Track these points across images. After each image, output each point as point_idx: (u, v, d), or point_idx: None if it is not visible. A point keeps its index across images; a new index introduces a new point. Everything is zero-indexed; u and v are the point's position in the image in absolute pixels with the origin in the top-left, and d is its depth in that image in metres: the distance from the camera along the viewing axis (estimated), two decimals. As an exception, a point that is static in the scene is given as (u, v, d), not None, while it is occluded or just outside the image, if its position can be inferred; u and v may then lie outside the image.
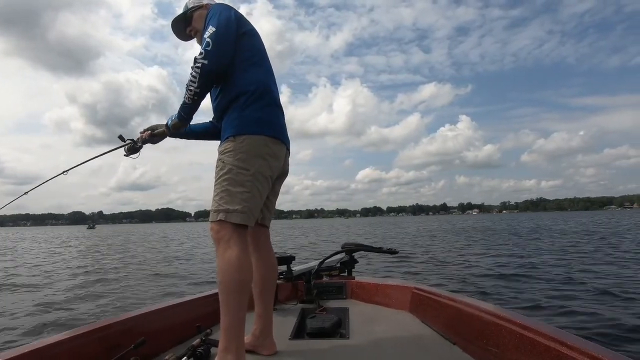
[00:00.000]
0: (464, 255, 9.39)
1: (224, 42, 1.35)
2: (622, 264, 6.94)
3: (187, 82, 1.37)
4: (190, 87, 1.36)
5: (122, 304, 4.88)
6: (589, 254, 8.53)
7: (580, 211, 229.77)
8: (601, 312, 3.67)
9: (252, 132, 1.38)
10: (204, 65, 1.32)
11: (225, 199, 1.34)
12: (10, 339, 3.53)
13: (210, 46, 1.32)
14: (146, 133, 1.71)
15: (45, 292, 6.00)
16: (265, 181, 1.42)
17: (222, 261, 1.31)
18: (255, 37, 1.52)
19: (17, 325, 3.98)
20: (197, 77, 1.33)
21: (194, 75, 1.33)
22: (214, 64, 1.33)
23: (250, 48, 1.46)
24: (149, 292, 5.66)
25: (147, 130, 1.72)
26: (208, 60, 1.32)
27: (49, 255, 13.49)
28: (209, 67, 1.33)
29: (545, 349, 1.07)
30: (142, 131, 1.72)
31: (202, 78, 1.33)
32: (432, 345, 1.56)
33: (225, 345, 1.29)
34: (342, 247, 2.59)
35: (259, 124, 1.40)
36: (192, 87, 1.35)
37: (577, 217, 56.13)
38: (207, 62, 1.32)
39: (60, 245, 19.97)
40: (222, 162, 1.38)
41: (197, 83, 1.34)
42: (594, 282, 5.25)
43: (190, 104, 1.40)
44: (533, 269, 6.61)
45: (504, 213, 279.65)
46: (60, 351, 1.24)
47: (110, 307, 4.76)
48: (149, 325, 1.57)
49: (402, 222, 55.14)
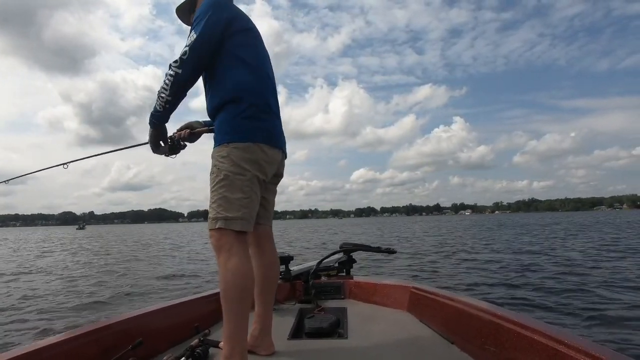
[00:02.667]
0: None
1: (202, 52, 1.31)
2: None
3: (159, 89, 1.33)
4: (161, 95, 1.32)
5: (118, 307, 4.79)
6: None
7: (571, 212, 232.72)
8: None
9: (247, 139, 1.34)
10: (177, 75, 1.29)
11: (224, 206, 1.31)
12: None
13: (187, 55, 1.28)
14: (185, 131, 1.58)
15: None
16: (261, 185, 1.41)
17: (224, 270, 1.29)
18: (254, 37, 1.46)
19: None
20: (169, 86, 1.30)
21: (166, 83, 1.30)
22: (187, 76, 1.30)
23: (245, 47, 1.40)
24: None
25: (185, 127, 1.59)
26: (182, 70, 1.28)
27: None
28: (182, 78, 1.29)
29: (543, 347, 1.08)
30: (180, 129, 1.60)
31: (173, 87, 1.30)
32: (431, 344, 1.56)
33: (229, 352, 1.28)
34: (340, 247, 2.59)
35: (254, 131, 1.36)
36: (163, 95, 1.32)
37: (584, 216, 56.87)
38: (181, 72, 1.29)
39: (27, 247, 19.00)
40: (217, 168, 1.34)
41: (168, 91, 1.30)
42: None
43: (162, 111, 1.36)
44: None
45: (496, 213, 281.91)
46: (57, 353, 1.22)
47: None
48: (146, 326, 1.56)
49: (407, 223, 55.23)
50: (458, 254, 9.53)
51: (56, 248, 17.91)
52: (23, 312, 4.64)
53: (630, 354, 2.70)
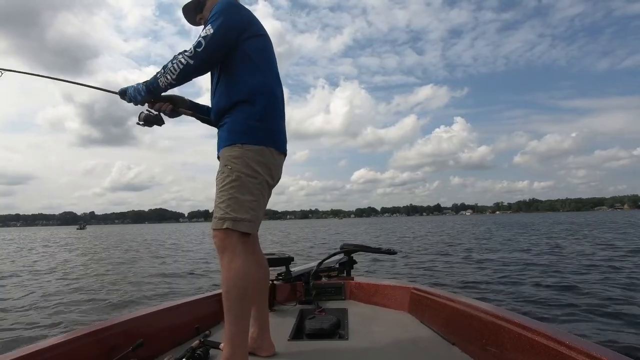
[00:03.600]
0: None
1: (216, 48, 1.31)
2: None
3: (166, 66, 1.33)
4: (167, 75, 1.33)
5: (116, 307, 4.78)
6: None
7: (572, 212, 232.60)
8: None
9: (262, 142, 1.35)
10: (188, 65, 1.29)
11: (233, 206, 1.30)
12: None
13: (201, 48, 1.29)
14: (167, 105, 1.50)
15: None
16: (269, 190, 1.43)
17: (228, 271, 1.29)
18: (267, 42, 1.48)
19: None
20: (177, 72, 1.31)
21: (174, 69, 1.31)
22: (198, 67, 1.31)
23: (260, 52, 1.42)
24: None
25: (167, 100, 1.50)
26: (194, 61, 1.29)
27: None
28: (192, 69, 1.30)
29: (544, 348, 1.08)
30: (162, 99, 1.49)
31: (181, 74, 1.31)
32: (431, 345, 1.56)
33: (230, 354, 1.28)
34: (341, 248, 2.59)
35: (269, 135, 1.38)
36: (168, 77, 1.33)
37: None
38: (193, 62, 1.29)
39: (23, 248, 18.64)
40: (229, 168, 1.33)
41: (175, 76, 1.32)
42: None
43: (162, 88, 1.37)
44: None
45: (497, 214, 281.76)
46: (58, 354, 1.22)
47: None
48: (147, 327, 1.56)
49: (408, 223, 55.09)
50: (459, 254, 9.52)
51: (60, 248, 17.84)
52: (24, 311, 4.65)
53: (632, 355, 2.70)
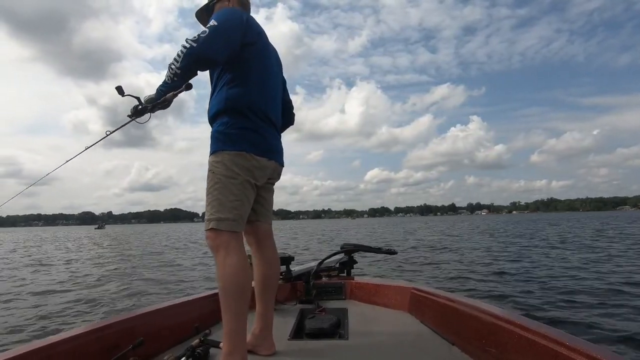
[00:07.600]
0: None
1: (220, 36, 1.34)
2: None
3: (170, 62, 1.36)
4: (172, 66, 1.35)
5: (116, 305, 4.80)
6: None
7: (592, 212, 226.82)
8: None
9: (241, 148, 1.40)
10: (192, 48, 1.31)
11: (217, 207, 1.37)
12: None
13: (206, 34, 1.32)
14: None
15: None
16: (252, 189, 1.45)
17: (223, 268, 1.32)
18: (264, 51, 1.50)
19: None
20: (181, 57, 1.32)
21: (178, 55, 1.32)
22: (201, 51, 1.31)
23: (254, 61, 1.45)
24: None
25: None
26: (198, 44, 1.31)
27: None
28: (196, 51, 1.31)
29: (544, 349, 1.07)
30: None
31: (185, 59, 1.32)
32: (431, 345, 1.55)
33: (229, 350, 1.30)
34: (341, 248, 2.59)
35: (247, 143, 1.41)
36: (173, 66, 1.34)
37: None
38: (196, 45, 1.31)
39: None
40: (212, 172, 1.41)
41: (179, 63, 1.33)
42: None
43: (170, 83, 1.38)
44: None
45: (513, 213, 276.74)
46: (58, 352, 1.25)
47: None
48: (147, 325, 1.58)
49: (418, 223, 54.62)
50: (461, 254, 9.41)
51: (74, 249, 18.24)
52: (26, 310, 4.72)
53: (632, 355, 2.63)
